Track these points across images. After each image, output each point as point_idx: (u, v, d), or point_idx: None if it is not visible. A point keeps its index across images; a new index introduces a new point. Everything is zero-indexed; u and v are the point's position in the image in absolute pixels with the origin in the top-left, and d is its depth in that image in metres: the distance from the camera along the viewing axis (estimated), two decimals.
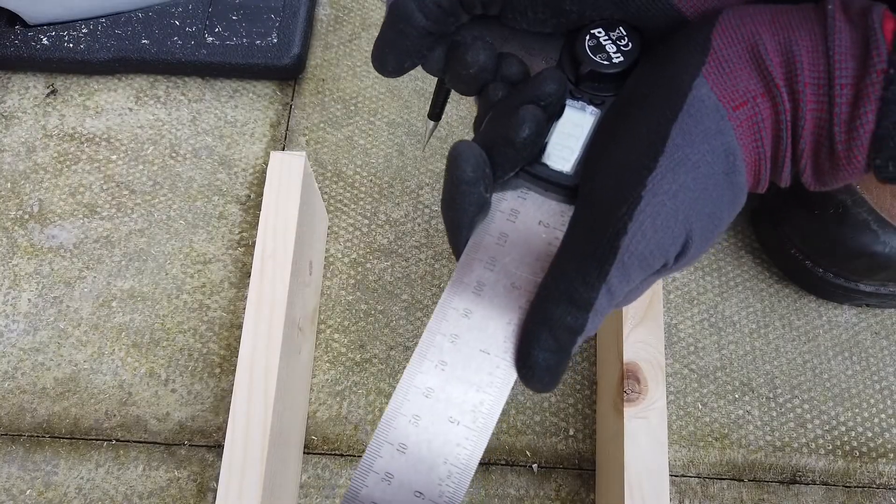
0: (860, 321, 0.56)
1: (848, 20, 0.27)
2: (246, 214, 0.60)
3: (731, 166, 0.27)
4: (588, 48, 0.30)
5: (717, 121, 0.27)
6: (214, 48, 0.63)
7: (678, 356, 0.55)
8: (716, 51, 0.28)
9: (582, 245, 0.27)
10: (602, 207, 0.27)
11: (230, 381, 0.54)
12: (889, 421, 0.53)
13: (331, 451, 0.52)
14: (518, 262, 0.29)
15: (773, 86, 0.27)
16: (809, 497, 0.51)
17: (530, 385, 0.28)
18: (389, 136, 0.63)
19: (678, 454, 0.52)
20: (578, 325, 0.27)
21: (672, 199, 0.26)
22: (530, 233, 0.29)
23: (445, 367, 0.28)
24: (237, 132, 0.63)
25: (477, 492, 0.51)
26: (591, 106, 0.30)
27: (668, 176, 0.26)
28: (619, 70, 0.29)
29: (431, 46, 0.32)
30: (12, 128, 0.63)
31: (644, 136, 0.27)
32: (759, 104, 0.27)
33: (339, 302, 0.57)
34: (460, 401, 0.27)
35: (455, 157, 0.28)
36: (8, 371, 0.55)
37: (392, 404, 0.28)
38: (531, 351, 0.27)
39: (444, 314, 0.28)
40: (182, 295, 0.57)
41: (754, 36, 0.27)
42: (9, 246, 0.59)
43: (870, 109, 0.26)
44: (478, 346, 0.28)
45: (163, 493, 0.51)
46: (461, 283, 0.29)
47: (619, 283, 0.27)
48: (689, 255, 0.28)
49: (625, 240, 0.26)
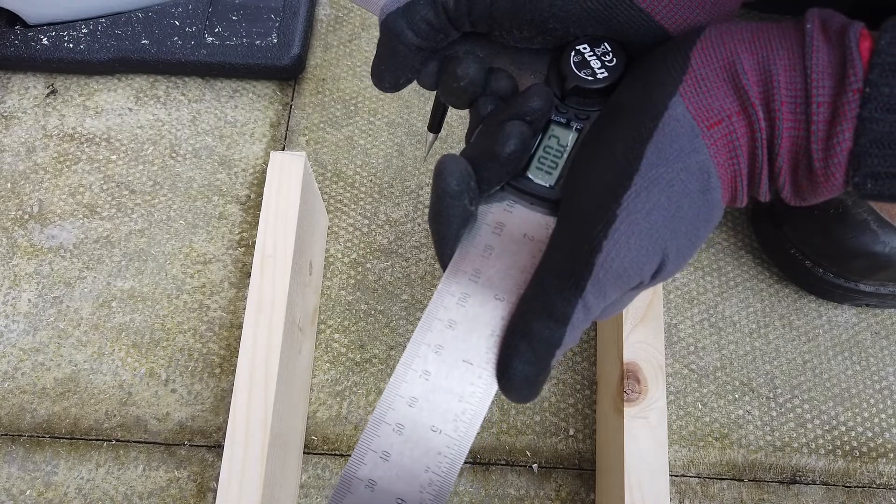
0: (860, 321, 0.56)
1: (826, 39, 0.27)
2: (246, 214, 0.60)
3: (705, 184, 0.28)
4: (573, 64, 0.30)
5: (691, 139, 0.27)
6: (214, 48, 0.63)
7: (678, 356, 0.55)
8: (694, 69, 0.28)
9: (560, 260, 0.27)
10: (579, 224, 0.27)
11: (230, 381, 0.54)
12: (889, 421, 0.53)
13: (331, 451, 0.52)
14: (503, 275, 0.29)
15: (749, 104, 0.27)
16: (809, 497, 0.51)
17: (510, 395, 0.28)
18: (389, 136, 0.63)
19: (678, 454, 0.52)
20: (556, 338, 0.27)
21: (647, 218, 0.27)
22: (515, 245, 0.29)
23: (429, 377, 0.28)
24: (237, 132, 0.63)
25: (477, 492, 0.51)
26: (577, 121, 0.30)
27: (642, 194, 0.27)
28: (603, 86, 0.30)
29: (425, 61, 0.33)
30: (12, 128, 0.63)
31: (620, 153, 0.28)
32: (735, 122, 0.28)
33: (339, 302, 0.57)
34: (443, 410, 0.28)
35: (440, 170, 0.29)
36: (8, 371, 0.55)
37: (376, 413, 0.28)
38: (511, 363, 0.28)
39: (430, 325, 0.29)
40: (182, 295, 0.57)
41: (732, 55, 0.28)
42: (9, 246, 0.59)
43: (847, 128, 0.26)
44: (461, 357, 0.28)
45: (163, 494, 0.51)
46: (446, 294, 0.29)
47: (595, 298, 0.27)
48: (666, 272, 0.28)
49: (600, 257, 0.26)
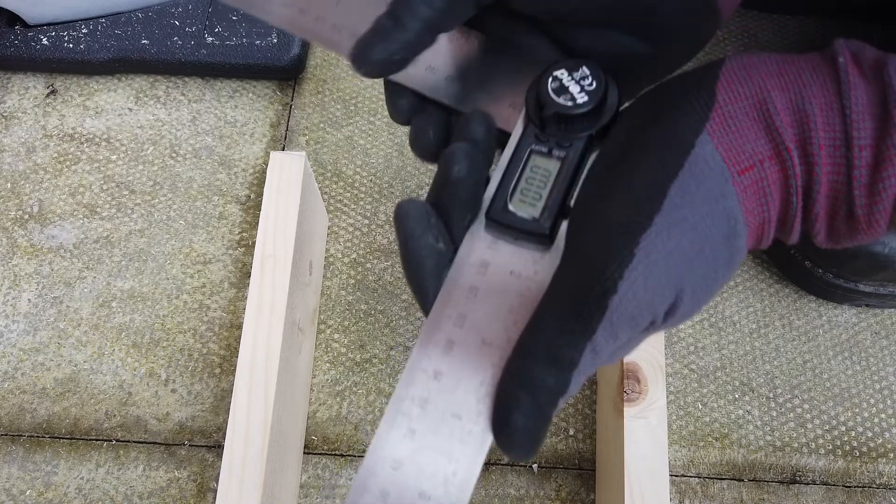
0: (860, 321, 0.56)
1: (861, 75, 0.25)
2: (246, 214, 0.60)
3: (731, 230, 0.26)
4: (551, 90, 0.28)
5: (720, 184, 0.25)
6: (214, 48, 0.63)
7: (678, 356, 0.55)
8: (721, 105, 0.26)
9: (566, 302, 0.25)
10: (590, 264, 0.25)
11: (230, 381, 0.54)
12: (889, 421, 0.53)
13: (331, 451, 0.52)
14: (490, 317, 0.27)
15: (784, 149, 0.25)
16: (809, 497, 0.51)
17: (510, 453, 0.26)
18: (389, 136, 0.63)
19: (678, 454, 0.52)
20: (560, 386, 0.25)
21: (665, 259, 0.25)
22: (502, 284, 0.28)
23: (415, 436, 0.26)
24: (237, 132, 0.63)
25: (477, 492, 0.51)
26: (559, 149, 0.29)
27: (663, 235, 0.25)
28: (584, 111, 0.28)
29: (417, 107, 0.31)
30: (12, 128, 0.63)
31: (639, 191, 0.26)
32: (767, 168, 0.26)
33: (339, 302, 0.57)
34: (431, 472, 0.25)
35: (397, 214, 0.28)
36: (8, 371, 0.55)
37: (358, 479, 0.26)
38: (509, 416, 0.25)
39: (412, 378, 0.27)
40: (182, 295, 0.57)
41: (762, 91, 0.26)
42: (9, 246, 0.59)
43: (893, 173, 0.24)
44: (449, 411, 0.26)
45: (163, 494, 0.51)
46: (430, 343, 0.27)
47: (606, 342, 0.25)
48: (679, 315, 0.27)
49: (614, 299, 0.24)
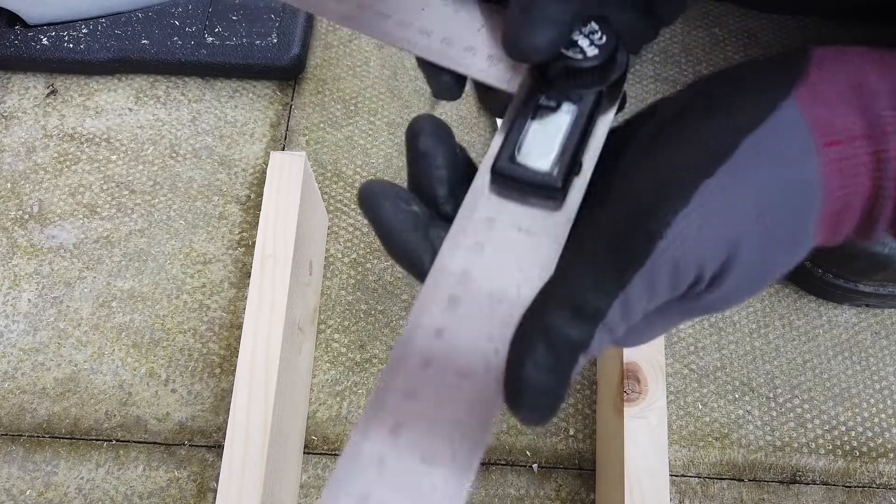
0: (860, 321, 0.56)
1: None
2: (246, 214, 0.60)
3: (804, 208, 0.23)
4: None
5: (801, 150, 0.23)
6: (214, 48, 0.63)
7: (678, 356, 0.55)
8: (812, 77, 0.24)
9: (600, 245, 0.22)
10: (636, 205, 0.23)
11: (230, 381, 0.54)
12: (889, 421, 0.53)
13: (331, 451, 0.52)
14: (498, 272, 0.24)
15: (880, 130, 0.23)
16: (809, 497, 0.51)
17: (520, 412, 0.22)
18: (389, 136, 0.63)
19: (678, 454, 0.52)
20: (583, 338, 0.22)
21: (723, 216, 0.22)
22: (509, 241, 0.25)
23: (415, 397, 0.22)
24: (237, 132, 0.63)
25: (477, 492, 0.51)
26: (568, 103, 0.27)
27: (726, 188, 0.22)
28: (595, 64, 0.27)
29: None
30: (12, 128, 0.63)
31: (707, 140, 0.23)
32: (858, 147, 0.23)
33: (339, 302, 0.57)
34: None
35: (360, 197, 0.26)
36: (8, 371, 0.55)
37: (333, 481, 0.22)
38: (523, 368, 0.21)
39: (413, 335, 0.23)
40: (182, 295, 0.57)
41: (859, 72, 0.23)
42: (9, 246, 0.59)
43: None
44: (452, 369, 0.23)
45: (163, 494, 0.51)
46: (432, 301, 0.24)
47: (640, 294, 0.22)
48: (725, 287, 0.23)
49: (660, 245, 0.22)
